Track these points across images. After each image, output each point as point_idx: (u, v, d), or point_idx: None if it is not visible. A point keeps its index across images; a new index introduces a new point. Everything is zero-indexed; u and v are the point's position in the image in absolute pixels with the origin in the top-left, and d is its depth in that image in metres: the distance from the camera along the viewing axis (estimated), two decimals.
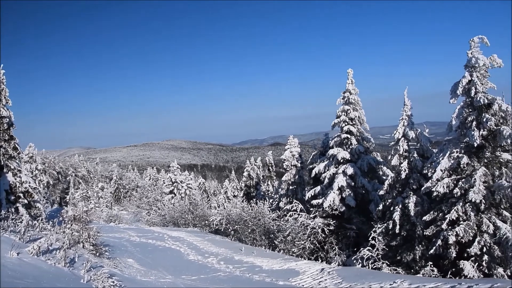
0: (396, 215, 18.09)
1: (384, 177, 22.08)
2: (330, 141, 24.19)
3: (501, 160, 15.46)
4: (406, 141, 19.10)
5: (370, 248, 17.51)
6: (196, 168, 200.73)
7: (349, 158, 22.46)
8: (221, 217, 24.72)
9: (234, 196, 54.97)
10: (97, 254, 14.13)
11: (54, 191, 64.78)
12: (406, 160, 18.92)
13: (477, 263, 14.95)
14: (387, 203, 19.24)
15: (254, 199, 27.96)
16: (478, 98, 15.32)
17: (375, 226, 18.62)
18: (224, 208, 25.67)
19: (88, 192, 54.23)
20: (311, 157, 27.46)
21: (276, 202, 29.49)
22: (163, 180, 54.70)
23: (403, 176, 18.69)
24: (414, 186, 18.51)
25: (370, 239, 17.97)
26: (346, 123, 23.16)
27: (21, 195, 20.29)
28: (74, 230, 13.84)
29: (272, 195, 38.77)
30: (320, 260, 20.21)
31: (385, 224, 18.63)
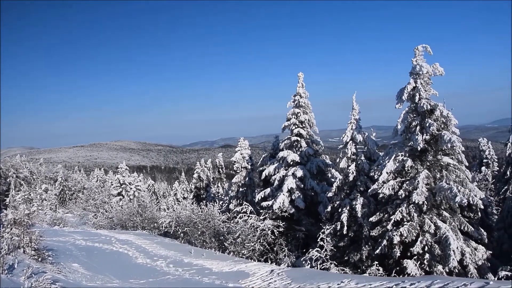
0: (344, 217, 18.53)
1: (333, 179, 22.52)
2: (280, 144, 24.41)
3: (442, 163, 16.25)
4: (354, 144, 19.60)
5: (318, 249, 17.87)
6: (145, 169, 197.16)
7: (299, 161, 22.76)
8: (170, 220, 24.44)
9: (184, 198, 54.56)
10: (40, 259, 13.59)
11: None
12: (354, 163, 19.43)
13: (419, 262, 15.60)
14: (336, 204, 19.68)
15: (204, 201, 27.87)
16: (422, 104, 16.01)
17: (324, 227, 19.01)
18: (174, 210, 25.42)
19: (30, 194, 51.97)
20: (261, 159, 27.61)
21: (226, 204, 29.51)
22: (111, 182, 53.36)
23: (351, 178, 19.17)
24: (361, 188, 19.03)
25: (318, 240, 18.33)
26: (296, 126, 23.46)
27: None
28: (14, 234, 13.26)
29: (222, 197, 38.75)
30: (269, 262, 20.40)
31: (333, 225, 19.04)
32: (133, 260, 17.97)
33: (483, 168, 35.28)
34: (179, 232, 23.71)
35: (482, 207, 15.61)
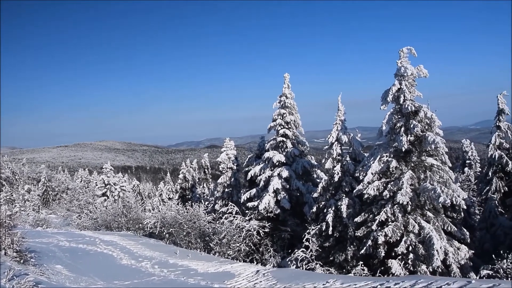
0: (329, 217, 18.64)
1: (318, 180, 22.61)
2: (266, 144, 24.45)
3: (426, 164, 16.44)
4: (339, 145, 19.72)
5: (304, 249, 17.95)
6: (130, 170, 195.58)
7: (285, 161, 22.83)
8: (155, 220, 24.29)
9: (169, 198, 54.35)
10: (22, 261, 13.38)
11: None
12: (339, 164, 19.54)
13: (403, 261, 15.76)
14: (321, 205, 19.78)
15: (190, 202, 27.71)
16: (406, 106, 16.18)
17: (309, 228, 19.10)
18: (159, 211, 25.27)
19: (12, 195, 51.35)
20: (247, 159, 27.64)
21: (212, 205, 29.46)
22: (96, 182, 52.83)
23: (336, 179, 19.29)
24: (346, 189, 19.16)
25: (304, 240, 18.41)
26: (282, 127, 23.52)
27: None
28: None
29: (208, 197, 38.67)
30: (255, 262, 20.41)
31: (319, 226, 19.14)
32: (118, 261, 17.83)
33: (466, 169, 35.74)
34: (164, 233, 23.57)
35: (464, 207, 15.85)
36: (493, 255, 15.34)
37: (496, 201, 23.17)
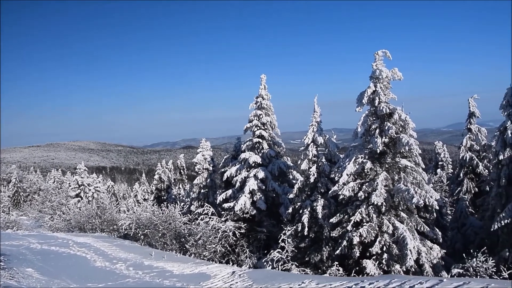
0: (305, 218, 18.75)
1: (294, 181, 22.72)
2: (242, 145, 24.44)
3: (400, 165, 16.70)
4: (315, 146, 19.86)
5: (280, 250, 18.01)
6: (105, 170, 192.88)
7: (261, 162, 22.87)
8: (130, 222, 23.99)
9: (145, 199, 53.69)
10: None
11: None
12: (315, 165, 19.68)
13: (378, 261, 15.98)
14: (297, 206, 19.88)
15: (165, 203, 27.51)
16: (381, 108, 16.42)
17: (285, 228, 19.17)
18: (134, 212, 24.96)
19: None
20: (223, 160, 27.58)
21: (188, 206, 29.27)
22: (69, 183, 51.83)
23: (312, 180, 19.41)
24: (322, 190, 19.31)
25: (280, 241, 18.47)
26: (258, 128, 23.56)
27: None
28: None
29: (184, 198, 38.38)
30: (231, 263, 20.37)
31: (295, 227, 19.23)
32: (92, 263, 17.53)
33: (438, 170, 36.39)
34: (139, 234, 23.31)
35: (437, 208, 16.17)
36: (464, 254, 15.74)
37: (467, 202, 23.74)
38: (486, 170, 24.86)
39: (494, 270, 14.37)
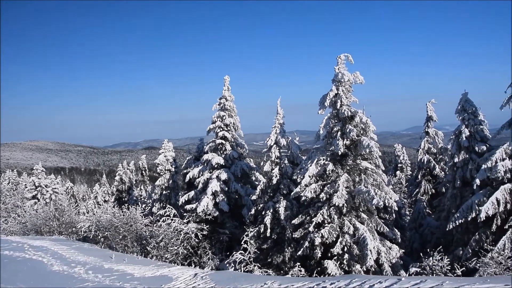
0: (268, 219, 18.82)
1: (257, 183, 22.78)
2: (205, 146, 24.29)
3: (361, 167, 17.02)
4: (278, 148, 19.97)
5: (242, 251, 17.98)
6: (63, 171, 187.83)
7: (223, 164, 22.82)
8: (90, 224, 23.42)
9: (105, 201, 52.65)
10: None
11: None
12: (278, 166, 19.79)
13: (339, 262, 16.22)
14: (259, 207, 19.93)
15: (126, 204, 26.98)
16: (343, 110, 16.69)
17: (248, 230, 19.18)
18: (94, 214, 24.43)
19: None
20: (185, 161, 27.36)
21: (149, 207, 28.84)
22: (25, 184, 50.21)
23: (274, 181, 19.52)
24: (284, 191, 19.42)
25: (242, 242, 18.44)
26: (221, 129, 23.50)
27: None
28: None
29: (145, 200, 37.78)
30: (193, 265, 20.19)
31: (257, 228, 19.27)
32: (49, 267, 16.98)
33: (397, 172, 37.38)
34: (99, 237, 22.80)
35: (396, 208, 16.60)
36: (421, 254, 16.18)
37: (424, 203, 24.47)
38: (443, 172, 25.73)
39: (449, 268, 14.86)
